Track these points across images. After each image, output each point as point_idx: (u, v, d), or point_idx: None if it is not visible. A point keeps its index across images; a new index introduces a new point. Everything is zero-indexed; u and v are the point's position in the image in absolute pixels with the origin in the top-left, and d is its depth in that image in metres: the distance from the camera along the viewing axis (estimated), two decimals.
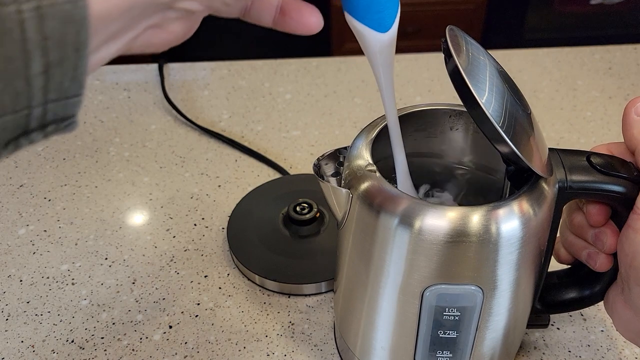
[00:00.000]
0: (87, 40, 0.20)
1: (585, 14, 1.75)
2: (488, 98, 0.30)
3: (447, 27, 0.32)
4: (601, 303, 0.41)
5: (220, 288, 0.52)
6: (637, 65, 0.85)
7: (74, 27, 0.20)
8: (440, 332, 0.36)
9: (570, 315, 0.49)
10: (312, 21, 0.29)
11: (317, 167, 0.38)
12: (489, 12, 1.77)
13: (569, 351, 0.47)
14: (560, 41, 1.00)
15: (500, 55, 0.88)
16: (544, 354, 0.46)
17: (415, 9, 1.71)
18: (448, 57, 0.31)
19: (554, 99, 0.78)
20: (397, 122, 0.36)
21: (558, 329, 0.48)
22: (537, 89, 0.80)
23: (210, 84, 0.82)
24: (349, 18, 0.31)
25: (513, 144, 0.31)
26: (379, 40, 0.31)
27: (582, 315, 0.49)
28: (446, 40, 0.31)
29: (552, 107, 0.76)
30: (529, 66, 0.85)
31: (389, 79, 0.34)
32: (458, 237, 0.32)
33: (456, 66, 0.30)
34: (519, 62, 0.86)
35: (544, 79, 0.82)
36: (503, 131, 0.30)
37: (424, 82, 0.80)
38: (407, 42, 1.76)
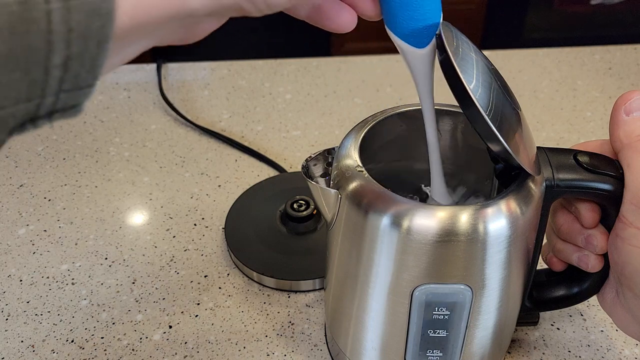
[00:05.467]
0: (110, 34, 0.20)
1: (585, 14, 1.76)
2: (479, 93, 0.30)
3: (441, 23, 0.32)
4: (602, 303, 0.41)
5: (220, 288, 0.52)
6: (637, 65, 0.85)
7: (100, 21, 0.19)
8: (430, 332, 0.36)
9: (570, 315, 0.49)
10: (346, 19, 0.30)
11: (306, 168, 0.38)
12: (489, 12, 1.77)
13: (569, 351, 0.47)
14: (560, 41, 1.00)
15: (500, 55, 0.88)
16: (543, 354, 0.46)
17: None
18: (441, 53, 0.31)
19: (554, 99, 0.78)
20: (435, 128, 0.37)
21: (558, 329, 0.48)
22: (537, 89, 0.80)
23: (210, 84, 0.82)
24: (389, 32, 0.32)
25: (503, 139, 0.31)
26: (416, 54, 0.32)
27: (582, 315, 0.49)
28: (440, 36, 0.31)
29: (552, 107, 0.76)
30: (529, 66, 0.85)
31: (427, 90, 0.35)
32: (446, 236, 0.32)
33: (450, 61, 0.30)
34: (519, 62, 0.86)
35: (544, 79, 0.82)
36: (494, 127, 0.31)
37: None
38: None
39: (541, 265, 0.41)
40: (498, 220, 0.32)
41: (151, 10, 0.21)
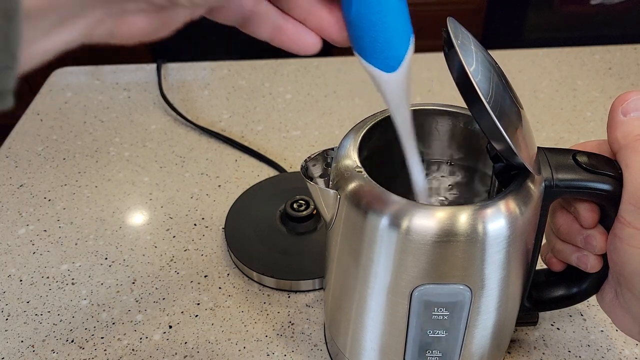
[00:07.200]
0: (17, 6, 0.19)
1: (585, 14, 1.75)
2: (485, 90, 0.30)
3: (448, 18, 0.32)
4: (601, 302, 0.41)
5: (220, 288, 0.52)
6: (637, 65, 0.85)
7: None
8: (430, 332, 0.36)
9: (570, 315, 0.49)
10: (310, 43, 0.29)
11: (305, 168, 0.38)
12: (489, 12, 1.77)
13: (569, 351, 0.47)
14: (560, 41, 1.00)
15: (500, 55, 0.88)
16: (543, 354, 0.46)
17: (415, 9, 1.71)
18: (448, 48, 0.31)
19: (554, 99, 0.78)
20: (418, 155, 0.36)
21: (558, 329, 0.48)
22: (537, 89, 0.80)
23: (210, 84, 0.82)
24: (356, 56, 0.30)
25: (510, 139, 0.31)
26: (385, 79, 0.31)
27: (582, 315, 0.49)
28: (447, 31, 0.31)
29: (552, 107, 0.76)
30: (529, 66, 0.85)
31: (404, 116, 0.33)
32: (445, 236, 0.32)
33: (458, 58, 0.30)
34: (519, 62, 0.86)
35: (544, 79, 0.82)
36: (502, 127, 0.30)
37: (424, 82, 0.80)
38: None
39: (540, 265, 0.41)
40: (497, 221, 0.32)
41: None
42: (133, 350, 0.47)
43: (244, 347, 0.47)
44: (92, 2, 0.22)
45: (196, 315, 0.50)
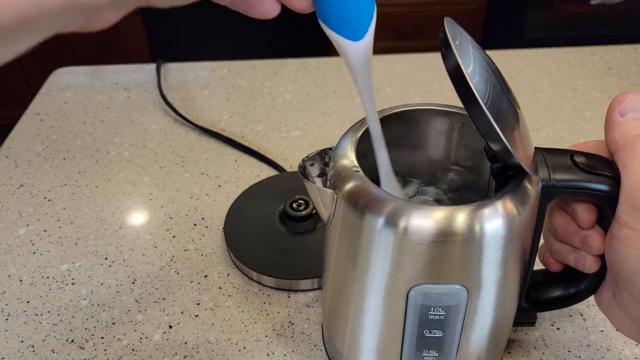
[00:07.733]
0: None
1: (585, 14, 1.75)
2: (482, 90, 0.30)
3: (445, 18, 0.32)
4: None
5: (220, 288, 0.52)
6: (637, 65, 0.85)
7: None
8: (426, 332, 0.36)
9: (570, 315, 0.49)
10: (269, 8, 0.29)
11: (303, 167, 0.38)
12: (489, 12, 1.77)
13: (569, 351, 0.47)
14: (560, 41, 1.00)
15: (500, 55, 0.88)
16: (543, 354, 0.46)
17: (415, 9, 1.71)
18: (445, 48, 0.31)
19: (554, 99, 0.78)
20: (378, 123, 0.36)
21: (558, 329, 0.48)
22: (537, 89, 0.80)
23: (210, 84, 0.82)
24: (323, 26, 0.31)
25: (506, 140, 0.31)
26: (352, 48, 0.32)
27: (582, 315, 0.49)
28: (444, 31, 0.31)
29: (552, 107, 0.76)
30: (529, 66, 0.85)
31: (367, 84, 0.34)
32: (442, 236, 0.32)
33: (455, 59, 0.30)
34: (519, 62, 0.86)
35: (544, 79, 0.82)
36: (499, 128, 0.30)
37: (424, 82, 0.81)
38: (407, 42, 1.76)
39: (538, 265, 0.41)
40: (494, 220, 0.32)
41: (40, 3, 0.19)
42: (133, 350, 0.47)
43: (244, 347, 0.47)
44: (67, 12, 0.21)
45: (196, 315, 0.50)
